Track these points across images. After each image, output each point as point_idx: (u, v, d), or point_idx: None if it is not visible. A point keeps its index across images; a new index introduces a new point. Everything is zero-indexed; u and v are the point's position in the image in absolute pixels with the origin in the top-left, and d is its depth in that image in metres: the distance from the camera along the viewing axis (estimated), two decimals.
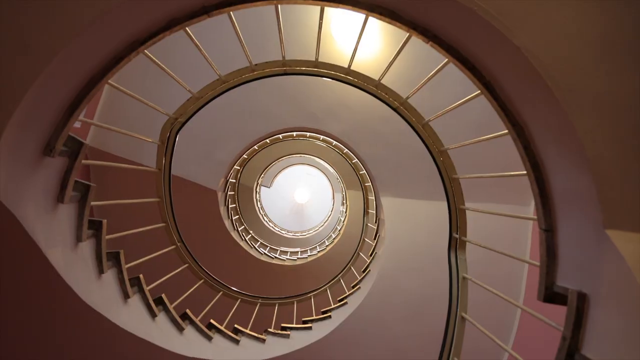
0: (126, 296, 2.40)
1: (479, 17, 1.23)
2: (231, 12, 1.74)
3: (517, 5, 1.19)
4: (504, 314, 3.94)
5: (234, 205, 6.69)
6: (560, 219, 1.48)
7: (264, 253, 6.78)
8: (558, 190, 1.47)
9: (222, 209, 5.99)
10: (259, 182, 8.93)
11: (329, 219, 9.88)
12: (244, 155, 5.63)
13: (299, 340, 3.64)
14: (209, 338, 3.11)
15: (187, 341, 2.86)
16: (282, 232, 9.33)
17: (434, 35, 1.50)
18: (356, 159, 5.21)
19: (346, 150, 5.33)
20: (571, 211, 1.41)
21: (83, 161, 1.85)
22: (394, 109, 2.52)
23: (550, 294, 1.46)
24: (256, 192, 8.90)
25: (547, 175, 1.50)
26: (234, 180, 6.40)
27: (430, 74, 1.99)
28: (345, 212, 7.80)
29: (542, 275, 1.53)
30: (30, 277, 1.75)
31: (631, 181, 1.21)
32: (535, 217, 1.68)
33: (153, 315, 2.64)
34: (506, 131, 1.58)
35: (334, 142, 5.33)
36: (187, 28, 1.67)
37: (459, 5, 1.25)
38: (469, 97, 1.87)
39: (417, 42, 1.93)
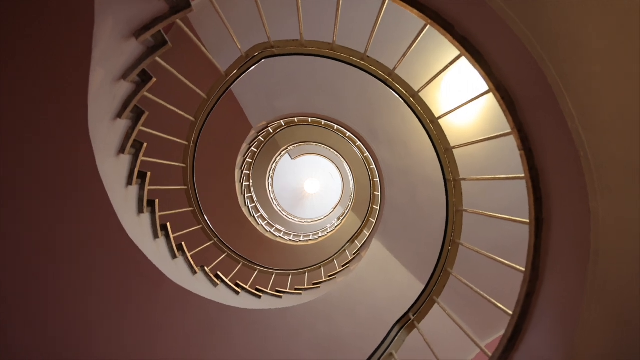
0: (129, 182, 2.42)
1: (576, 153, 1.21)
2: None
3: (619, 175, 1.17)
4: None
5: (256, 150, 6.73)
6: None
7: (247, 207, 6.81)
8: (526, 347, 1.46)
9: (244, 145, 6.05)
10: (288, 148, 8.94)
11: (319, 222, 9.88)
12: (295, 118, 5.66)
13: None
14: (194, 272, 3.21)
15: (177, 269, 2.94)
16: (274, 202, 9.35)
17: (529, 148, 1.49)
18: (379, 193, 5.19)
19: (377, 179, 5.32)
20: None
21: (177, 20, 1.88)
22: (446, 181, 2.51)
23: None
24: (279, 155, 8.92)
25: (527, 329, 1.48)
26: (272, 131, 6.43)
27: (501, 176, 1.96)
28: (335, 227, 7.80)
29: None
30: (63, 114, 1.70)
31: None
32: (490, 353, 1.67)
33: (141, 210, 2.61)
34: (523, 269, 1.56)
35: (372, 166, 5.32)
36: None
37: (564, 134, 1.23)
38: (516, 219, 1.85)
39: (507, 140, 1.92)
